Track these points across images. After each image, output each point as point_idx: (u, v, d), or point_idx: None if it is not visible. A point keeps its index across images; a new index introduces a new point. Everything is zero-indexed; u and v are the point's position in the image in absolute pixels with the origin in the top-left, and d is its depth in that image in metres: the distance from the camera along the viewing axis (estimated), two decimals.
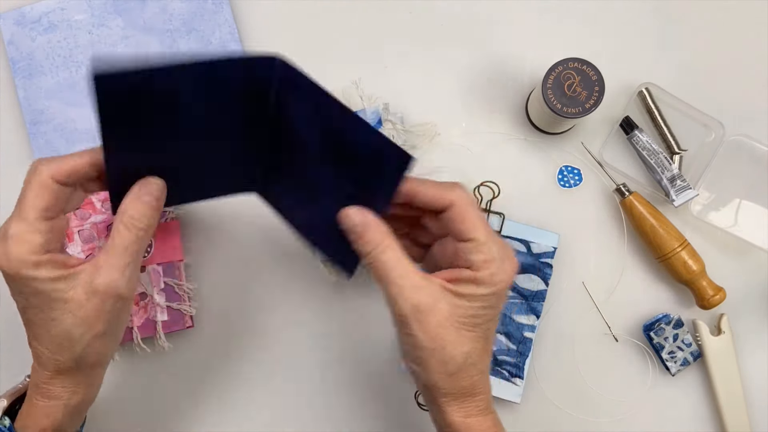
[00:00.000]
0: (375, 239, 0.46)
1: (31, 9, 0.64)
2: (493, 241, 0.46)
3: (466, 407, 0.47)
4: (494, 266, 0.45)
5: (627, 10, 0.65)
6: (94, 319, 0.45)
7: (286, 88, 0.47)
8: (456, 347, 0.45)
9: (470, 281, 0.45)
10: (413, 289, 0.45)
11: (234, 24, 0.64)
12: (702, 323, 0.62)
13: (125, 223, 0.45)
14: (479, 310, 0.46)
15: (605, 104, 0.58)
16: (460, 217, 0.46)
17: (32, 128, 0.64)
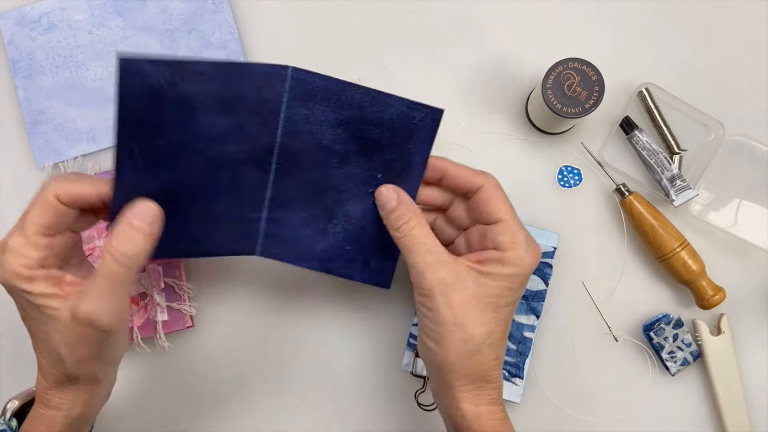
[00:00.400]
0: (408, 213, 0.48)
1: (31, 9, 0.64)
2: (520, 225, 0.48)
3: (479, 395, 0.47)
4: (521, 248, 0.47)
5: (627, 10, 0.65)
6: (77, 343, 0.44)
7: (300, 96, 0.48)
8: (477, 326, 0.46)
9: (497, 261, 0.47)
10: (441, 264, 0.46)
11: (234, 24, 0.64)
12: (702, 323, 0.62)
13: (111, 251, 0.43)
14: (504, 290, 0.47)
15: (605, 104, 0.58)
16: (489, 198, 0.48)
17: (32, 128, 0.64)
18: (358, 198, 0.52)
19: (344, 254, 0.54)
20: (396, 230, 0.48)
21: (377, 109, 0.50)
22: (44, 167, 0.63)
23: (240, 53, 0.64)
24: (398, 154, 0.50)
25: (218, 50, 0.64)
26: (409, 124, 0.50)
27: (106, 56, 0.64)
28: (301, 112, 0.49)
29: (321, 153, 0.50)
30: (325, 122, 0.49)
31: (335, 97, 0.49)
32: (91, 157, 0.64)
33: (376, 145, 0.50)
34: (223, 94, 0.46)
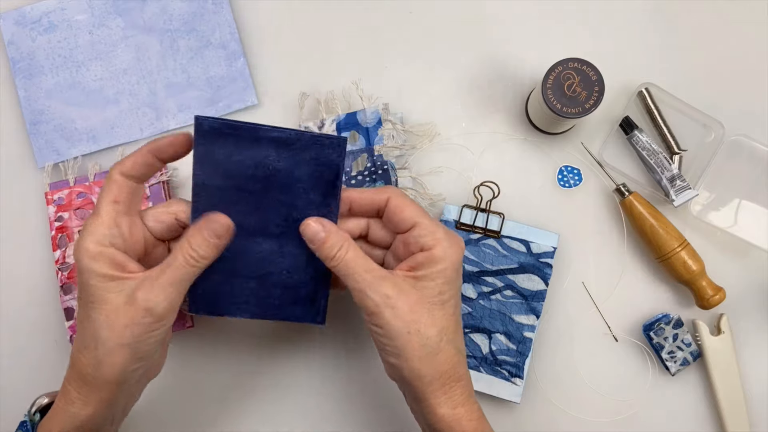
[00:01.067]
0: (338, 241, 0.49)
1: (32, 9, 0.64)
2: (436, 223, 0.50)
3: (452, 395, 0.49)
4: (445, 242, 0.49)
5: (627, 11, 0.65)
6: (122, 327, 0.46)
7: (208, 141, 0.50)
8: (429, 328, 0.48)
9: (427, 261, 0.48)
10: (380, 280, 0.48)
11: (234, 24, 0.64)
12: (702, 323, 0.62)
13: (183, 249, 0.47)
14: (442, 286, 0.48)
15: (605, 104, 0.58)
16: (399, 208, 0.50)
17: (32, 128, 0.64)
18: (281, 239, 0.52)
19: (277, 297, 0.54)
20: (331, 260, 0.49)
21: (293, 147, 0.50)
22: (44, 167, 0.63)
23: (240, 53, 0.64)
24: (313, 189, 0.51)
25: (218, 50, 0.64)
26: (319, 157, 0.50)
27: (106, 56, 0.64)
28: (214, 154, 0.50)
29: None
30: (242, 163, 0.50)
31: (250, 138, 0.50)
32: (91, 158, 0.64)
33: (291, 184, 0.51)
34: None
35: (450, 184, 0.64)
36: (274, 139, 0.50)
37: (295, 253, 0.52)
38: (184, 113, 0.64)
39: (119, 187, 0.48)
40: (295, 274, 0.53)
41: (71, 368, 0.49)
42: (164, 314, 0.46)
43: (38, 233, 0.64)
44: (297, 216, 0.51)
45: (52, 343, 0.64)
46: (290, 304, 0.54)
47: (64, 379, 0.49)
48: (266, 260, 0.52)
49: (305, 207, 0.51)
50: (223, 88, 0.64)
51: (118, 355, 0.46)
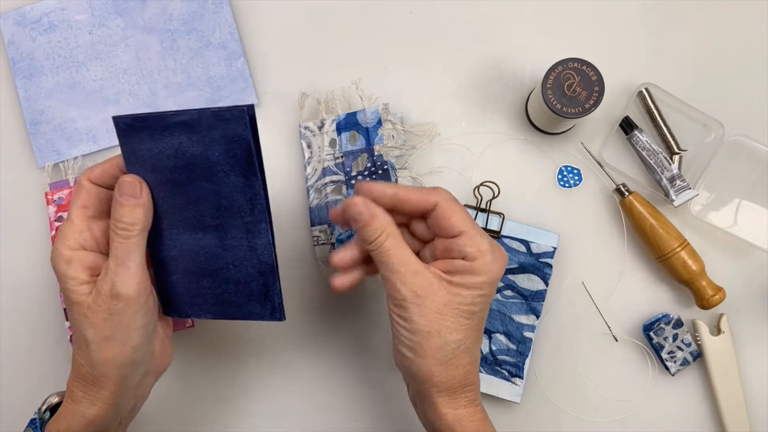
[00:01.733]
0: (381, 226, 0.48)
1: (32, 9, 0.64)
2: (482, 233, 0.49)
3: (456, 399, 0.49)
4: (488, 256, 0.48)
5: (627, 10, 0.65)
6: (102, 321, 0.47)
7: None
8: (452, 333, 0.47)
9: (466, 271, 0.47)
10: (414, 275, 0.47)
11: (234, 24, 0.64)
12: (702, 323, 0.62)
13: (112, 226, 0.48)
14: (477, 298, 0.48)
15: (605, 104, 0.58)
16: (447, 214, 0.49)
17: (32, 128, 0.64)
18: (219, 231, 0.50)
19: (232, 294, 0.52)
20: (369, 244, 0.48)
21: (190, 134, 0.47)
22: (44, 167, 0.63)
23: (240, 53, 0.64)
24: (233, 171, 0.48)
25: (218, 50, 0.64)
26: (226, 134, 0.47)
27: (106, 56, 0.64)
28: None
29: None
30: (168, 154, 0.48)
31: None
32: (92, 158, 0.64)
33: (211, 169, 0.48)
34: None
35: (450, 184, 0.64)
36: (179, 123, 0.47)
37: (236, 245, 0.50)
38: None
39: (88, 193, 0.49)
40: (241, 267, 0.50)
41: (72, 369, 0.49)
42: (131, 294, 0.46)
43: (38, 233, 0.64)
44: (226, 204, 0.48)
45: (52, 343, 0.64)
46: (246, 300, 0.51)
47: (68, 381, 0.50)
48: (211, 255, 0.50)
49: (231, 193, 0.48)
50: (223, 88, 0.64)
51: (108, 350, 0.47)
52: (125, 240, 0.47)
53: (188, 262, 0.51)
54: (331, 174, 0.62)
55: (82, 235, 0.48)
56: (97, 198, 0.49)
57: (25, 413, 0.63)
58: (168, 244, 0.51)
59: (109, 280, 0.46)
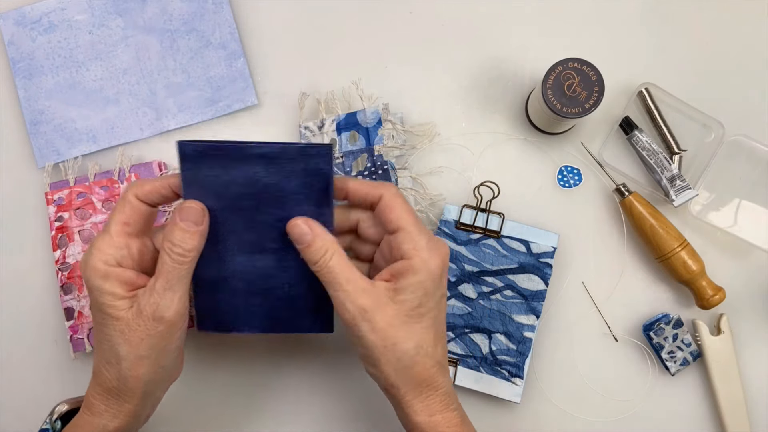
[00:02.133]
0: (324, 246, 0.48)
1: (32, 9, 0.64)
2: (420, 230, 0.49)
3: (429, 403, 0.48)
4: (424, 252, 0.48)
5: (627, 10, 0.65)
6: (138, 341, 0.46)
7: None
8: (406, 341, 0.47)
9: (406, 271, 0.47)
10: (359, 292, 0.47)
11: (234, 24, 0.64)
12: (702, 323, 0.62)
13: (165, 248, 0.47)
14: (421, 298, 0.47)
15: (605, 104, 0.58)
16: (389, 207, 0.49)
17: (32, 128, 0.64)
18: (278, 254, 0.52)
19: (283, 310, 0.54)
20: (314, 264, 0.48)
21: (281, 159, 0.50)
22: (44, 167, 0.63)
23: (240, 53, 0.64)
24: (306, 200, 0.50)
25: (218, 50, 0.64)
26: (307, 167, 0.49)
27: (106, 56, 0.64)
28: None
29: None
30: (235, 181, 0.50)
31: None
32: (91, 158, 0.64)
33: (284, 197, 0.50)
34: None
35: (450, 184, 0.64)
36: (260, 155, 0.49)
37: (294, 266, 0.52)
38: (184, 113, 0.64)
39: (132, 209, 0.48)
40: (296, 286, 0.53)
41: (95, 382, 0.49)
42: (174, 319, 0.47)
43: (38, 233, 0.64)
44: None
45: (52, 343, 0.64)
46: (296, 316, 0.54)
47: (88, 393, 0.49)
48: (267, 276, 0.52)
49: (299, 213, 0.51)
50: (223, 88, 0.64)
51: (140, 368, 0.47)
52: (178, 265, 0.47)
53: (239, 282, 0.52)
54: None
55: (120, 251, 0.48)
56: (140, 215, 0.49)
57: (25, 413, 0.63)
58: (218, 265, 0.52)
59: (154, 302, 0.46)
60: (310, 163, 0.49)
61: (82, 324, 0.61)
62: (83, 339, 0.61)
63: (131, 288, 0.47)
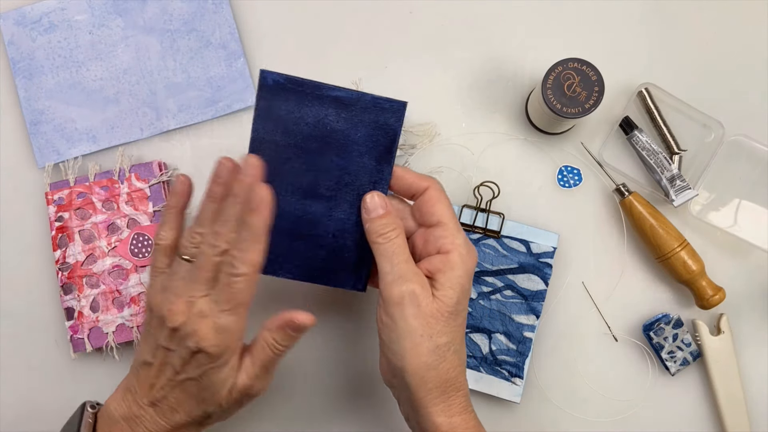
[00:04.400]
0: (392, 222, 0.50)
1: (32, 9, 0.64)
2: (459, 228, 0.50)
3: (450, 405, 0.48)
4: (463, 249, 0.49)
5: (627, 11, 0.65)
6: (223, 403, 0.49)
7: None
8: (442, 336, 0.48)
9: (444, 266, 0.48)
10: (414, 275, 0.48)
11: (234, 24, 0.64)
12: (701, 323, 0.62)
13: (269, 343, 0.49)
14: (460, 295, 0.48)
15: (605, 104, 0.58)
16: (432, 201, 0.50)
17: (33, 128, 0.64)
18: (330, 202, 0.53)
19: (322, 260, 0.54)
20: (379, 236, 0.49)
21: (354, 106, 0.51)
22: (44, 167, 0.63)
23: (240, 53, 0.64)
24: (368, 153, 0.52)
25: (218, 50, 0.64)
26: (377, 120, 0.51)
27: (106, 56, 0.64)
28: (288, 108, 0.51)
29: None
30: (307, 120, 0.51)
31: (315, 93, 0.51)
32: (92, 158, 0.64)
33: (348, 146, 0.52)
34: None
35: (450, 184, 0.64)
36: (335, 99, 0.50)
37: (343, 218, 0.52)
38: (184, 113, 0.64)
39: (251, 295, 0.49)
40: (340, 238, 0.53)
41: (162, 418, 0.49)
42: (258, 391, 0.50)
43: (38, 233, 0.64)
44: (348, 180, 0.52)
45: (52, 343, 0.64)
46: (333, 268, 0.54)
47: (136, 412, 0.49)
48: (314, 222, 0.53)
49: (358, 171, 0.52)
50: (223, 88, 0.64)
51: (219, 416, 0.50)
52: (275, 356, 0.50)
53: (287, 223, 0.53)
54: None
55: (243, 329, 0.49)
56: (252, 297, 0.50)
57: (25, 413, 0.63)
58: (276, 202, 0.51)
59: (247, 380, 0.49)
60: (381, 116, 0.51)
61: (82, 324, 0.61)
62: (83, 339, 0.61)
63: (233, 352, 0.49)
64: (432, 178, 0.52)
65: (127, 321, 0.61)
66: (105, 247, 0.61)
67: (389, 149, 0.51)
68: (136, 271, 0.61)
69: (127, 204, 0.62)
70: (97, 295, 0.61)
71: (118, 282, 0.61)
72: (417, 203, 0.51)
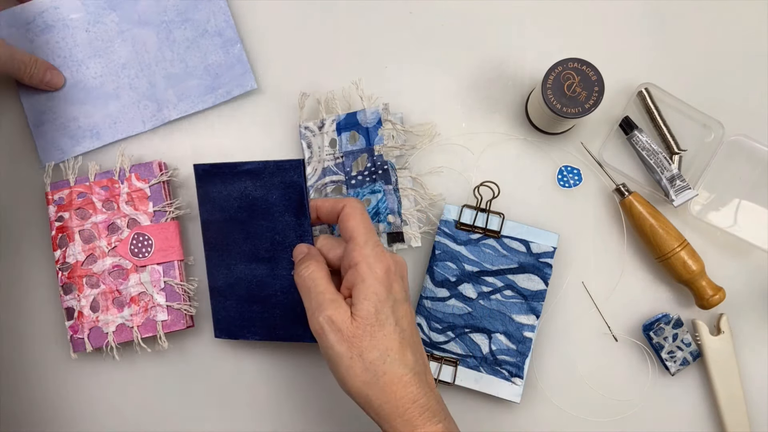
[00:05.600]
0: (307, 260, 0.52)
1: (22, 9, 0.64)
2: (368, 240, 0.51)
3: (409, 418, 0.47)
4: (370, 259, 0.49)
5: (627, 11, 0.65)
6: None
7: None
8: (371, 350, 0.48)
9: (354, 279, 0.49)
10: (328, 303, 0.49)
11: (228, 11, 0.64)
12: (701, 323, 0.62)
13: None
14: (378, 305, 0.48)
15: (605, 104, 0.58)
16: (347, 217, 0.52)
17: (36, 129, 0.64)
18: (271, 263, 0.58)
19: (278, 318, 0.59)
20: (298, 277, 0.52)
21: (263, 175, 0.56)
22: (45, 167, 0.63)
23: (236, 40, 0.64)
24: (287, 210, 0.56)
25: (214, 38, 0.64)
26: (284, 180, 0.56)
27: (104, 52, 0.64)
28: None
29: None
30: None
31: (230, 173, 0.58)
32: (92, 157, 0.64)
33: (269, 209, 0.57)
34: None
35: (450, 184, 0.64)
36: (247, 171, 0.57)
37: (284, 275, 0.57)
38: (184, 102, 0.64)
39: None
40: (288, 294, 0.57)
41: None
42: None
43: (38, 233, 0.64)
44: (279, 239, 0.56)
45: (52, 343, 0.64)
46: (289, 323, 0.58)
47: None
48: (263, 283, 0.58)
49: (284, 229, 0.56)
50: (222, 75, 0.64)
51: None
52: None
53: (242, 289, 0.59)
54: (331, 174, 0.62)
55: None
56: None
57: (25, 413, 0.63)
58: (227, 273, 0.59)
59: None
60: (285, 176, 0.56)
61: (82, 324, 0.61)
62: (83, 339, 0.61)
63: None
64: (348, 198, 0.53)
65: (127, 321, 0.61)
66: (105, 247, 0.61)
67: (301, 203, 0.55)
68: (136, 271, 0.61)
69: (127, 204, 0.62)
70: (97, 295, 0.61)
71: (118, 282, 0.61)
72: (338, 225, 0.53)
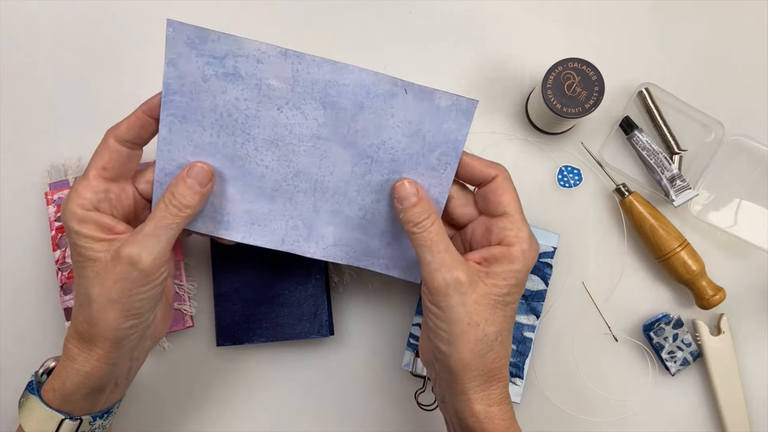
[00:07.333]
0: (426, 210, 0.48)
1: (218, 38, 0.47)
2: (524, 221, 0.49)
3: (490, 394, 0.48)
4: (526, 243, 0.48)
5: (627, 11, 0.65)
6: (111, 284, 0.46)
7: None
8: (490, 325, 0.47)
9: (503, 258, 0.47)
10: (456, 263, 0.47)
11: None
12: (702, 323, 0.62)
13: (165, 199, 0.48)
14: (512, 287, 0.47)
15: (605, 104, 0.58)
16: (500, 190, 0.49)
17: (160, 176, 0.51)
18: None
19: (285, 317, 0.60)
20: (415, 225, 0.48)
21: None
22: (45, 167, 0.63)
23: None
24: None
25: None
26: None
27: (284, 146, 0.50)
28: None
29: None
30: None
31: None
32: None
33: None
34: None
35: None
36: None
37: (291, 273, 0.59)
38: (338, 249, 0.54)
39: (111, 154, 0.48)
40: (296, 291, 0.59)
41: (71, 326, 0.49)
42: (149, 267, 0.46)
43: (38, 233, 0.64)
44: None
45: (52, 343, 0.64)
46: (296, 321, 0.60)
47: (65, 338, 0.49)
48: (270, 283, 0.59)
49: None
50: (391, 244, 0.54)
51: (109, 311, 0.47)
52: (171, 216, 0.47)
53: (249, 292, 0.60)
54: None
55: (97, 196, 0.48)
56: (119, 159, 0.49)
57: None
58: (235, 278, 0.60)
59: (135, 247, 0.46)
60: None
61: None
62: None
63: (109, 232, 0.48)
64: (500, 166, 0.50)
65: None
66: None
67: None
68: None
69: None
70: None
71: None
72: (482, 191, 0.50)
